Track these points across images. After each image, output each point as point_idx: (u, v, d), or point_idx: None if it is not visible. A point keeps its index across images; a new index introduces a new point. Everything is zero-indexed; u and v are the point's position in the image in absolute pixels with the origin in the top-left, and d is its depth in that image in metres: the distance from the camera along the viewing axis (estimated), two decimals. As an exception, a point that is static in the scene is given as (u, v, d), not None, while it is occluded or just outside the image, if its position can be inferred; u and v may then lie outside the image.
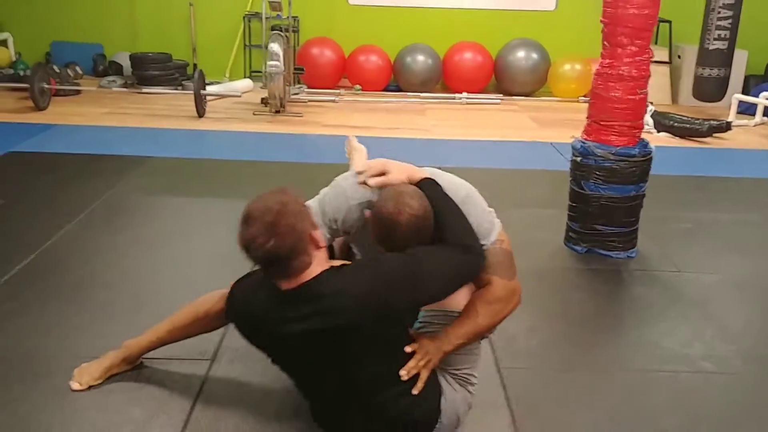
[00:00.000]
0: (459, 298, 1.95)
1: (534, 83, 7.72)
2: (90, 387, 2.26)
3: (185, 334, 2.24)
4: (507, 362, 2.51)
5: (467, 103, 7.27)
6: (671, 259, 3.49)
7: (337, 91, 7.34)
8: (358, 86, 7.52)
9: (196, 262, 3.29)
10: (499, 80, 7.81)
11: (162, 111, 6.44)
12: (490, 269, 1.96)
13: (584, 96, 7.05)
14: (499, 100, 7.35)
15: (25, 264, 3.16)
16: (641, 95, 3.33)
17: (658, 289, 3.19)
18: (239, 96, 6.68)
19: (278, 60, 6.07)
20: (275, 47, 6.11)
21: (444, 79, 7.77)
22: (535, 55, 7.63)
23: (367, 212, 1.96)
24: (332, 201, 2.03)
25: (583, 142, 3.42)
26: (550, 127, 6.35)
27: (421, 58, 7.58)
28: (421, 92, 7.42)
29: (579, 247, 3.51)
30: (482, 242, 1.96)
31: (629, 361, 2.61)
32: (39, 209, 3.86)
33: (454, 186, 2.01)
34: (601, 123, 3.36)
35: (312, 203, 2.03)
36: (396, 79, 7.74)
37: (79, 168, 4.64)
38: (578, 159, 3.43)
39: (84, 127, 5.79)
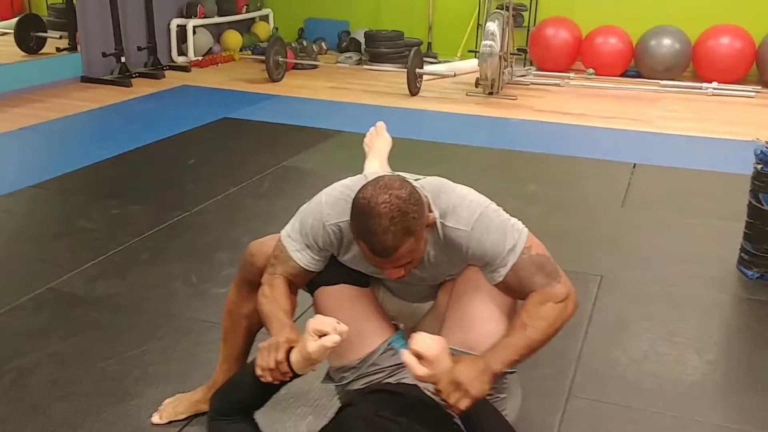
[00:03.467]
0: (484, 337, 1.65)
1: (807, 74, 6.57)
2: (170, 422, 2.02)
3: (236, 340, 1.96)
4: (586, 392, 2.15)
5: (713, 95, 6.40)
6: None
7: (567, 74, 6.91)
8: (591, 70, 7.00)
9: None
10: (762, 70, 6.76)
11: (381, 88, 6.58)
12: (527, 284, 1.67)
13: None
14: (753, 93, 6.36)
15: (172, 221, 3.43)
16: None
17: (844, 338, 2.54)
18: (453, 76, 6.58)
19: (493, 40, 5.86)
20: (492, 26, 5.90)
21: (694, 67, 6.93)
22: (811, 42, 6.48)
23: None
24: (308, 217, 1.78)
25: (766, 147, 2.81)
26: (807, 126, 5.36)
27: (667, 41, 6.83)
28: (663, 80, 6.69)
29: (750, 271, 2.91)
30: (509, 258, 1.65)
31: (748, 420, 2.10)
32: (216, 172, 4.17)
33: (468, 206, 1.67)
34: (793, 124, 2.74)
35: (289, 226, 1.84)
36: (636, 65, 7.06)
37: (273, 137, 4.93)
38: (758, 167, 2.83)
39: (303, 99, 6.13)
